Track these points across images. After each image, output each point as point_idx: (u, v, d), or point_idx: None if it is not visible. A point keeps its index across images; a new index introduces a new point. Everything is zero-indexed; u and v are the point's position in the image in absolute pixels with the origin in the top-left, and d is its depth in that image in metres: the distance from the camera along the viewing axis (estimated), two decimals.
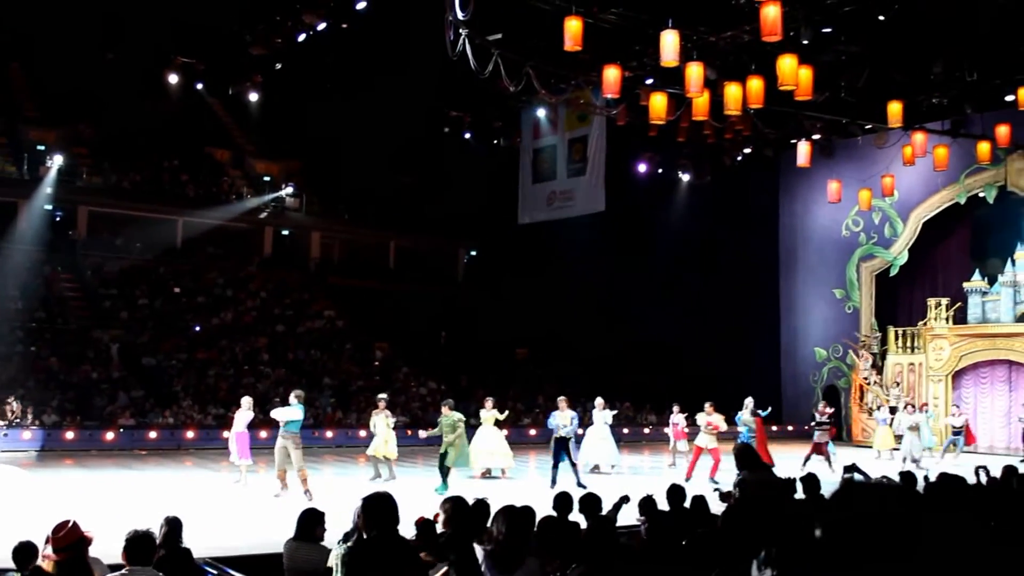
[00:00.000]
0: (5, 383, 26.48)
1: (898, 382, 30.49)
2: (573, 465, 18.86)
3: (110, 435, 25.75)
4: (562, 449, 18.76)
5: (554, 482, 18.02)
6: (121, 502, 15.54)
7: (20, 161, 34.93)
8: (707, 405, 21.13)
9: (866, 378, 31.89)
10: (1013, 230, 30.49)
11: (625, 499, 9.57)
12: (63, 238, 35.05)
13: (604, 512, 8.80)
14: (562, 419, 19.24)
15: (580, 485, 17.29)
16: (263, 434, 23.17)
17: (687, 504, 9.19)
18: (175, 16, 29.44)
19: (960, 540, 2.32)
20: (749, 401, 21.88)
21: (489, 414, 20.83)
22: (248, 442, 18.67)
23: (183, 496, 16.31)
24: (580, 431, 21.03)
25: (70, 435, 25.19)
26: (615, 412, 24.21)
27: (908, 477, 10.74)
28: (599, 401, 23.48)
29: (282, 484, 16.56)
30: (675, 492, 9.41)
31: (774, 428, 30.83)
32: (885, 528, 2.25)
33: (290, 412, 16.80)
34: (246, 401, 19.12)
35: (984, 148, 26.21)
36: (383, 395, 21.84)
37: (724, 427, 20.99)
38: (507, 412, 22.74)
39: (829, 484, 10.91)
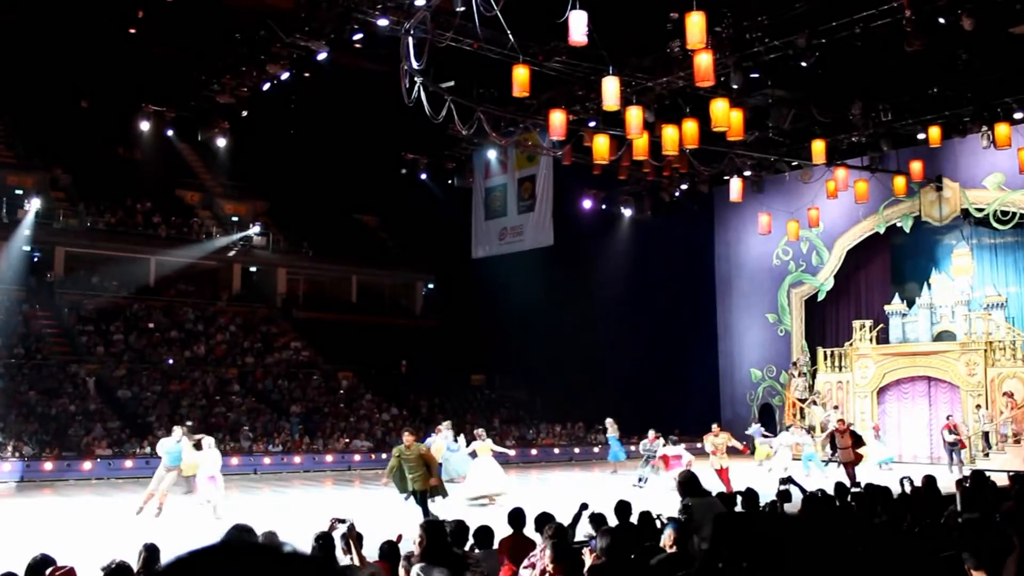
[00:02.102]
0: None
1: (836, 406, 30.30)
2: None
3: (87, 465, 25.32)
4: None
5: None
6: (100, 530, 15.28)
7: None
8: (714, 426, 21.35)
9: (802, 399, 32.06)
10: (928, 256, 31.07)
11: (584, 506, 9.54)
12: (41, 278, 34.56)
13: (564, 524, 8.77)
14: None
15: None
16: (234, 460, 22.90)
17: (634, 519, 9.22)
18: (145, 67, 29.33)
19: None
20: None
21: (483, 444, 20.46)
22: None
23: (160, 523, 16.07)
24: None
25: (48, 466, 24.74)
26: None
27: (840, 488, 10.85)
28: (479, 431, 21.14)
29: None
30: (623, 507, 9.42)
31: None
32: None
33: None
34: (208, 441, 17.99)
35: (900, 182, 26.69)
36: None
37: (735, 443, 21.21)
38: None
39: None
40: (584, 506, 9.52)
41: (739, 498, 9.94)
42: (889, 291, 31.51)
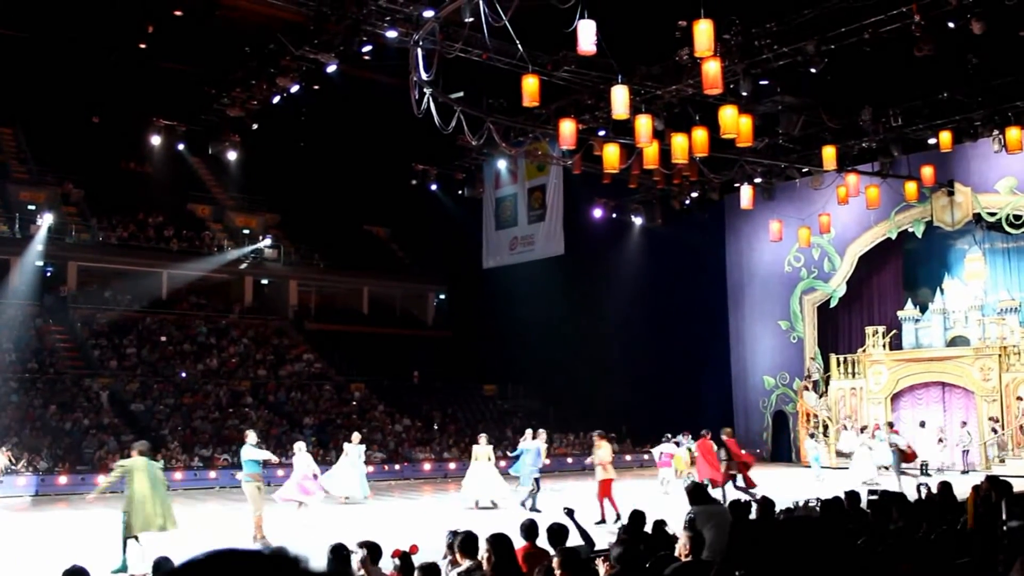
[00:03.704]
0: (1, 431, 26.08)
1: (864, 427, 30.03)
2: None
3: (102, 479, 25.33)
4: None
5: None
6: (115, 544, 15.30)
7: (12, 220, 34.64)
8: (595, 436, 21.11)
9: (821, 410, 31.88)
10: (940, 262, 30.95)
11: (570, 512, 9.48)
12: (54, 292, 34.72)
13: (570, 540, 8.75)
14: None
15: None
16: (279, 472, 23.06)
17: (647, 528, 9.20)
18: (156, 81, 29.49)
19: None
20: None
21: (483, 449, 20.59)
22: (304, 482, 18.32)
23: (173, 535, 16.07)
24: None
25: (63, 479, 24.80)
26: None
27: (852, 496, 10.80)
28: (355, 436, 22.98)
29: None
30: (636, 517, 9.40)
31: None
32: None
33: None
34: (300, 445, 18.82)
35: (911, 188, 26.61)
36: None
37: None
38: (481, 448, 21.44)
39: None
40: (570, 512, 9.44)
41: (754, 506, 9.91)
42: (902, 297, 31.43)
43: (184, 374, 33.38)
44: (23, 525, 18.06)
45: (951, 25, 18.91)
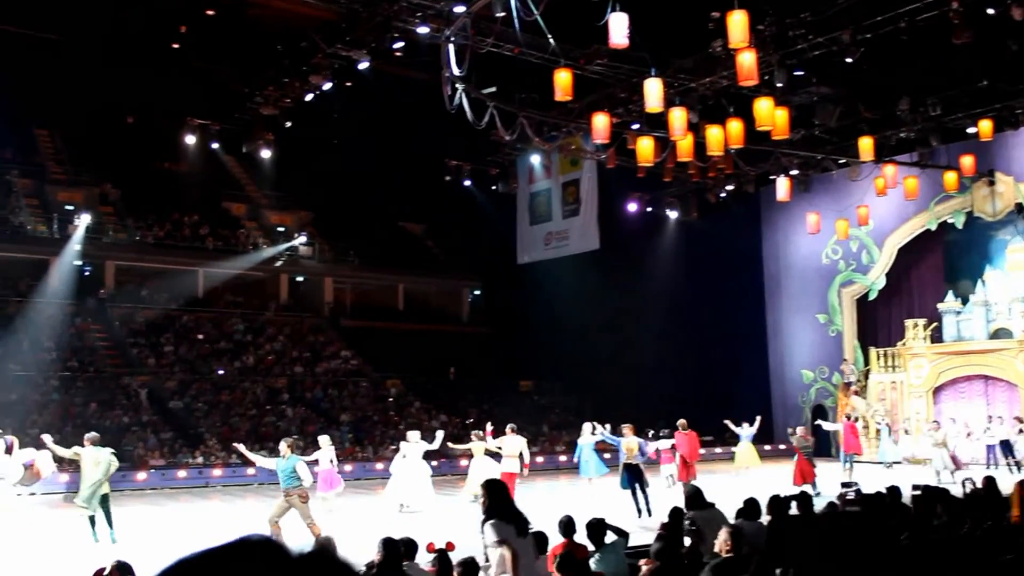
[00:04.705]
0: (42, 429, 26.36)
1: (883, 400, 30.10)
2: (644, 492, 17.37)
3: (142, 475, 25.64)
4: (632, 476, 17.56)
5: (640, 511, 16.82)
6: (155, 539, 15.47)
7: (50, 221, 35.05)
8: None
9: (866, 415, 31.59)
10: (982, 253, 30.49)
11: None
12: (92, 291, 35.09)
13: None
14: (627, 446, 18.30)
15: (646, 512, 16.69)
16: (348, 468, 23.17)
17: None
18: (189, 81, 29.73)
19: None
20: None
21: (479, 445, 19.89)
22: (333, 476, 19.13)
23: (213, 530, 16.23)
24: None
25: None
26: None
27: (893, 491, 10.68)
28: (413, 434, 20.43)
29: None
30: (676, 514, 9.38)
31: (766, 447, 30.71)
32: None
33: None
34: (324, 439, 19.61)
35: (951, 178, 26.26)
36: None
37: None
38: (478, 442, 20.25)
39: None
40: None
41: (794, 502, 9.83)
42: (942, 289, 31.03)
43: (221, 371, 33.66)
44: (63, 521, 18.24)
45: (990, 11, 18.66)
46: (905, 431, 29.57)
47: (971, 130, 25.82)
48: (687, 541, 8.75)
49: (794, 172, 28.95)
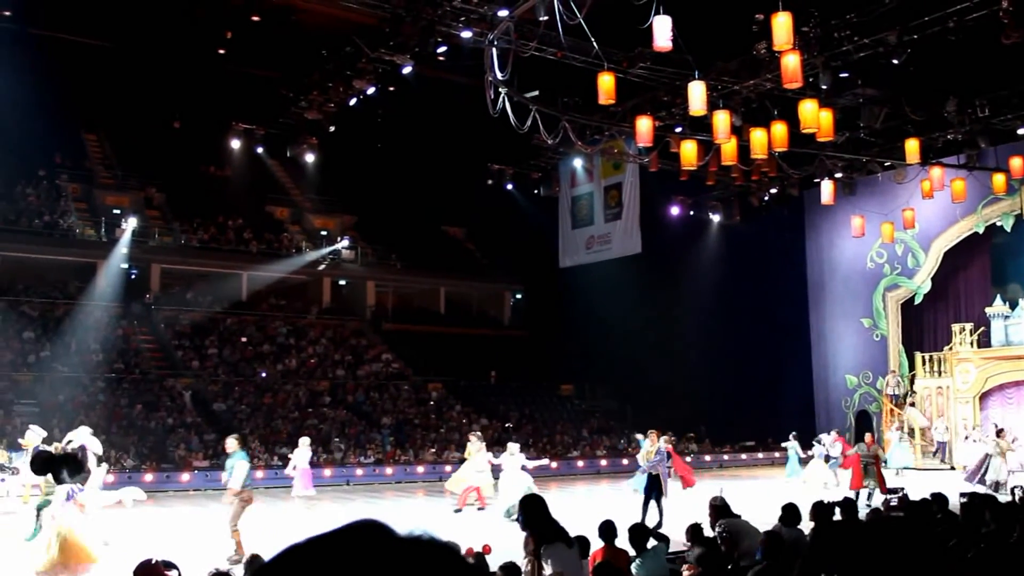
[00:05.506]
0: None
1: (941, 415, 29.22)
2: (659, 503, 16.53)
3: (185, 476, 25.92)
4: (650, 485, 16.89)
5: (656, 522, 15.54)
6: (200, 538, 15.63)
7: (98, 225, 35.55)
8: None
9: (894, 395, 31.34)
10: None
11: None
12: (138, 294, 35.51)
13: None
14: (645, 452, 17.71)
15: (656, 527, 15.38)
16: (327, 472, 23.26)
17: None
18: (235, 86, 30.03)
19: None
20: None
21: (476, 445, 19.79)
22: (311, 476, 19.77)
23: (253, 532, 16.34)
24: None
25: (149, 477, 25.37)
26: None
27: (939, 498, 10.55)
28: (513, 446, 19.99)
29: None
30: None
31: (809, 452, 30.40)
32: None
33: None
34: (304, 440, 20.19)
35: (999, 180, 25.89)
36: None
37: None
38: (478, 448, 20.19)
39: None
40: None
41: (838, 509, 9.74)
42: (990, 293, 30.62)
43: (264, 374, 33.93)
44: (109, 522, 18.47)
45: None
46: (973, 439, 28.79)
47: (1020, 131, 25.47)
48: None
49: (839, 175, 28.71)
